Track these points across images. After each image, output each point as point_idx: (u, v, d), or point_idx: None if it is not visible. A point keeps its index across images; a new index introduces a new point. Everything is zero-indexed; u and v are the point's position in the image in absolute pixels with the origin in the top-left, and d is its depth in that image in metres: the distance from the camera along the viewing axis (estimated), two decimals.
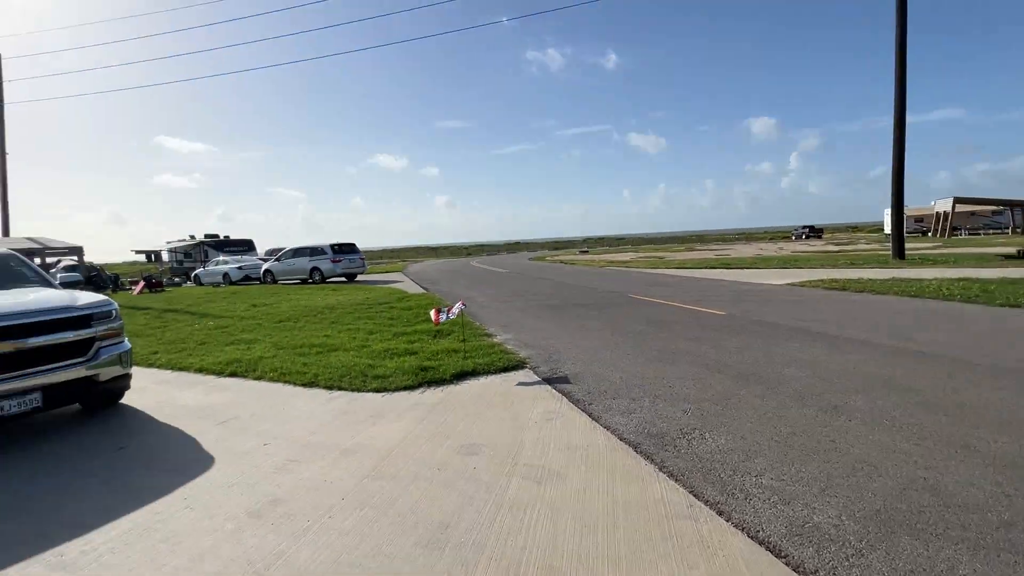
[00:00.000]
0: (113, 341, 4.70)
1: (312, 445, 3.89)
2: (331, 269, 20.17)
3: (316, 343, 7.48)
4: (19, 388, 3.96)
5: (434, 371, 5.62)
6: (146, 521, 2.88)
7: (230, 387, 5.73)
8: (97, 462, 3.79)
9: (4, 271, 5.36)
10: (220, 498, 3.11)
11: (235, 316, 11.30)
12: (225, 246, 30.49)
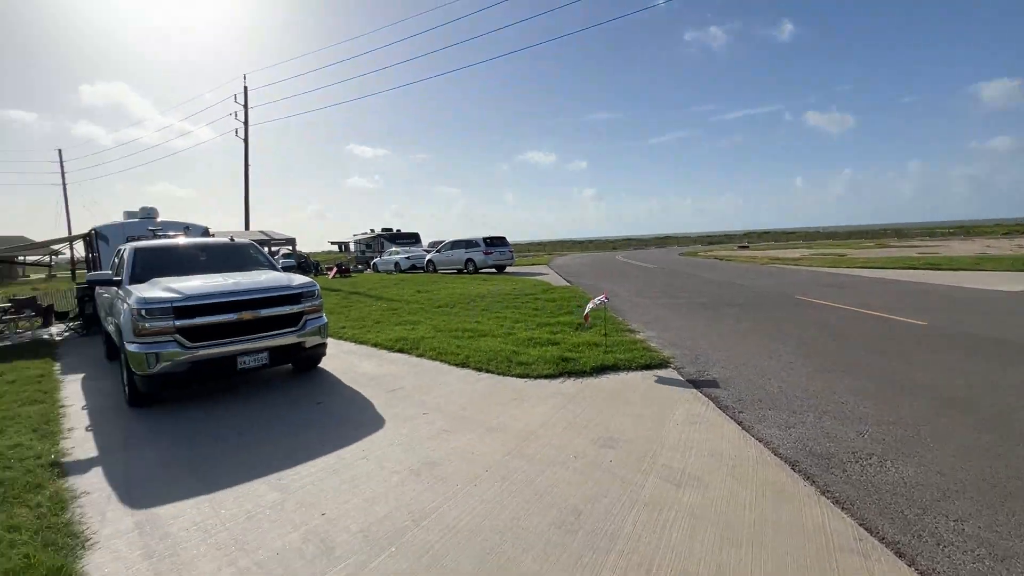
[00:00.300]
0: (315, 316, 5.76)
1: (462, 419, 4.30)
2: (483, 260, 21.65)
3: (468, 328, 8.15)
4: (255, 348, 5.12)
5: (574, 362, 5.73)
6: (335, 464, 3.52)
7: (397, 361, 6.59)
8: (302, 412, 4.72)
9: (246, 257, 6.92)
10: (388, 454, 3.64)
11: (403, 300, 12.85)
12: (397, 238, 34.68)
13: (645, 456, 3.45)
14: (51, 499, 3.11)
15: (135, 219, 11.24)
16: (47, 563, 2.40)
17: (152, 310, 4.72)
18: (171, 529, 2.77)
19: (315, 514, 2.85)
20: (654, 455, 3.46)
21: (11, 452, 3.82)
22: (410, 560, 2.40)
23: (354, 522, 2.76)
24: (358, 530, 2.68)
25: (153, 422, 4.63)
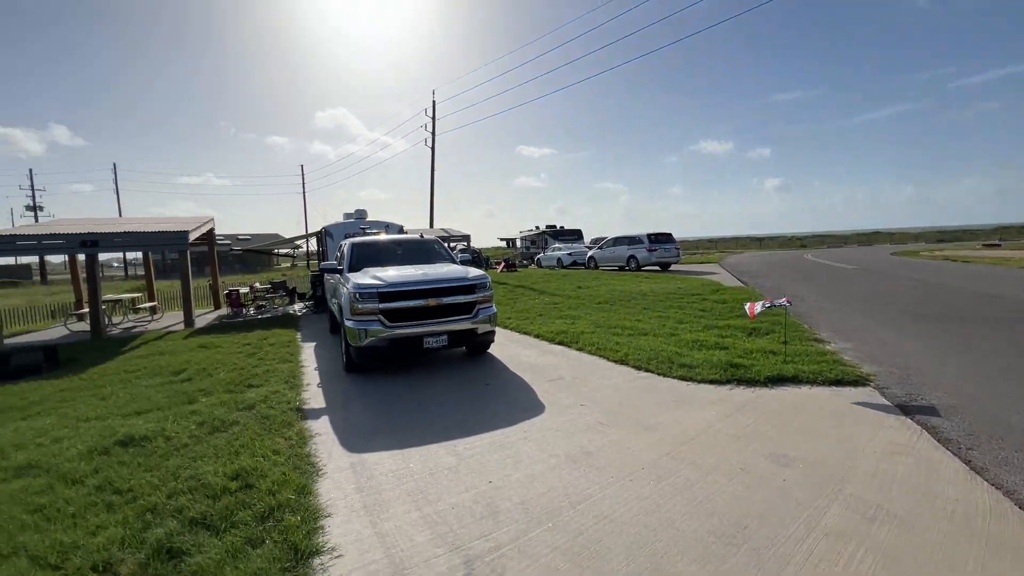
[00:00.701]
0: (486, 305, 6.34)
1: (618, 414, 4.33)
2: (646, 257, 20.95)
3: (628, 326, 8.05)
4: (437, 331, 5.87)
5: (746, 370, 5.26)
6: (500, 440, 3.88)
7: (557, 353, 6.86)
8: (474, 390, 5.27)
9: (432, 252, 7.93)
10: (547, 438, 3.87)
11: (564, 295, 13.21)
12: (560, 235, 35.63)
13: (829, 481, 3.05)
14: (297, 435, 4.08)
15: (351, 219, 13.69)
16: (296, 481, 3.18)
17: (364, 294, 5.75)
18: (374, 472, 3.40)
19: (483, 481, 3.21)
20: (841, 481, 3.03)
21: (273, 396, 5.09)
22: (565, 537, 2.56)
23: (515, 494, 3.03)
24: (519, 501, 2.94)
25: (362, 385, 5.66)
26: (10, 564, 2.41)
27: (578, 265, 26.03)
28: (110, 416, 4.76)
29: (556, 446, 3.71)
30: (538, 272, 24.45)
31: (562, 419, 4.27)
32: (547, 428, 4.08)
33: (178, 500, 2.98)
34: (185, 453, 3.72)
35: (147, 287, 16.45)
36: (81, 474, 3.42)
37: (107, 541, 2.58)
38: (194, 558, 2.41)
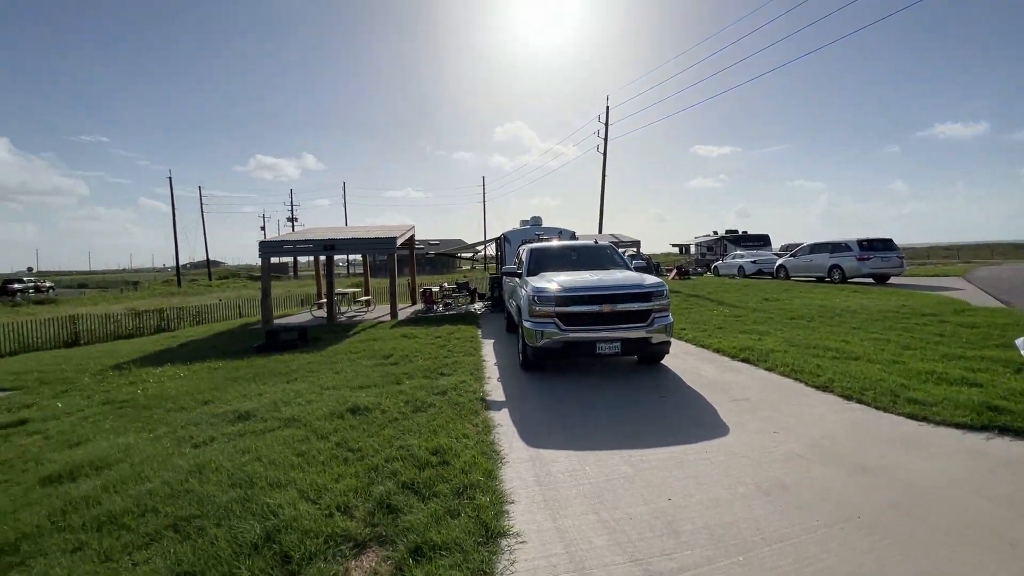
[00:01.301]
0: (663, 314, 6.11)
1: (821, 448, 3.75)
2: (855, 268, 17.64)
3: (832, 347, 6.91)
4: (610, 337, 5.86)
5: (1011, 415, 4.07)
6: (679, 457, 3.70)
7: (741, 371, 6.24)
8: (647, 401, 5.12)
9: (605, 257, 7.94)
10: (733, 464, 3.56)
11: (747, 307, 11.94)
12: (742, 241, 32.28)
13: None
14: (482, 423, 4.49)
15: (527, 225, 14.50)
16: (484, 465, 3.50)
17: (541, 297, 6.05)
18: (552, 469, 3.56)
19: (661, 496, 3.10)
20: None
21: (461, 385, 5.69)
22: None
23: (698, 516, 2.86)
24: (703, 525, 2.76)
25: (537, 383, 5.96)
26: (286, 492, 3.16)
27: (764, 275, 23.26)
28: (342, 387, 5.89)
29: (744, 473, 3.38)
30: (715, 281, 22.54)
31: (750, 445, 3.88)
32: (732, 452, 3.75)
33: (393, 465, 3.54)
34: (396, 426, 4.40)
35: (364, 283, 19.86)
36: (326, 431, 4.30)
37: (346, 488, 3.20)
38: (407, 516, 2.84)
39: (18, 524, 3.01)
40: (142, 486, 3.41)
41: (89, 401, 6.30)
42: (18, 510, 3.20)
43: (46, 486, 3.61)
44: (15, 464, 4.19)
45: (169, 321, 17.98)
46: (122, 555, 2.63)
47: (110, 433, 4.82)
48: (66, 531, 2.91)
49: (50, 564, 2.56)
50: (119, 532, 2.85)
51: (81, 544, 2.76)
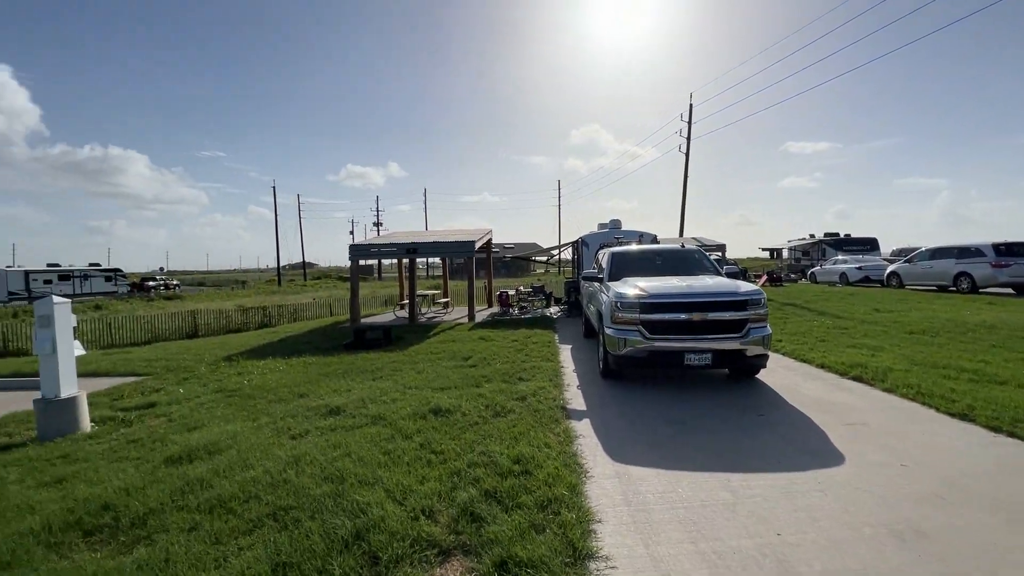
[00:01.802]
0: (760, 325, 5.60)
1: (964, 489, 3.19)
2: (989, 276, 15.29)
3: (969, 368, 5.96)
4: (700, 348, 5.47)
5: None
6: (786, 486, 3.32)
7: (854, 390, 5.56)
8: (743, 420, 4.69)
9: (693, 262, 7.48)
10: (853, 499, 3.12)
11: (854, 318, 10.75)
12: (844, 244, 29.33)
13: None
14: (564, 432, 4.35)
15: (606, 228, 14.14)
16: (568, 478, 3.36)
17: (625, 304, 5.79)
18: (641, 488, 3.34)
19: (769, 530, 2.78)
20: None
21: (540, 392, 5.58)
22: None
23: (816, 559, 2.51)
24: (821, 570, 2.42)
25: (618, 392, 5.71)
26: (374, 490, 3.23)
27: (871, 282, 20.94)
28: (424, 388, 6.01)
29: (869, 512, 2.95)
30: (813, 288, 20.65)
31: (873, 478, 3.39)
32: (852, 486, 3.29)
33: (475, 471, 3.50)
34: (477, 430, 4.38)
35: (443, 285, 20.47)
36: (410, 431, 4.38)
37: (430, 491, 3.21)
38: (491, 527, 2.77)
39: (146, 499, 3.34)
40: (247, 473, 3.65)
41: (204, 388, 6.97)
42: (147, 486, 3.56)
43: (169, 466, 3.99)
44: (145, 443, 4.70)
45: (271, 317, 19.66)
46: (229, 539, 2.81)
47: (220, 420, 5.27)
48: (184, 510, 3.17)
49: (171, 541, 2.79)
50: (227, 516, 3.06)
51: (196, 524, 2.99)
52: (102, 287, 40.51)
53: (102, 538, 2.94)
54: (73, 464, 4.20)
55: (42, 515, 3.19)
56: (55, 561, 2.70)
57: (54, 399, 5.15)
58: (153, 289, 45.52)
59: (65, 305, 5.37)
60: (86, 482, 3.74)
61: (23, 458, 4.46)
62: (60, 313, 5.27)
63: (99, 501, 3.32)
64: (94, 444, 4.75)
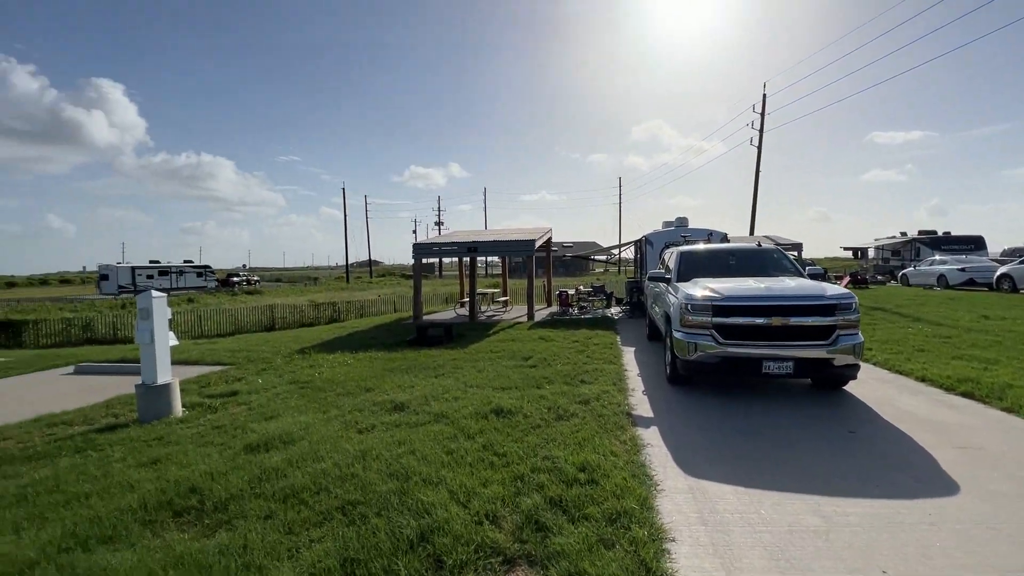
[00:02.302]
0: (850, 332, 5.09)
1: None
2: None
3: None
4: (781, 355, 5.05)
5: None
6: (888, 514, 2.95)
7: (963, 408, 4.92)
8: (832, 436, 4.27)
9: (771, 262, 6.96)
10: (977, 536, 2.71)
11: (958, 326, 9.60)
12: (943, 244, 26.43)
13: None
14: (630, 440, 4.15)
15: (671, 227, 13.58)
16: (637, 491, 3.18)
17: (695, 306, 5.46)
18: (718, 507, 3.09)
19: (871, 565, 2.47)
20: None
21: (604, 396, 5.39)
22: None
23: None
24: None
25: (687, 399, 5.40)
26: (438, 491, 3.22)
27: (977, 286, 18.73)
28: (485, 387, 6.00)
29: (996, 553, 2.55)
30: (904, 291, 18.79)
31: (997, 512, 2.94)
32: (970, 520, 2.87)
33: (539, 476, 3.41)
34: (539, 434, 4.28)
35: (502, 284, 20.57)
36: (472, 431, 4.36)
37: (493, 495, 3.15)
38: (556, 538, 2.66)
39: (228, 485, 3.53)
40: (318, 465, 3.77)
41: (280, 379, 7.37)
42: (228, 472, 3.77)
43: (248, 453, 4.21)
44: (228, 429, 5.01)
45: (339, 313, 20.66)
46: (301, 530, 2.89)
47: (294, 411, 5.53)
48: (261, 498, 3.31)
49: (248, 528, 2.91)
50: (299, 507, 3.16)
51: (271, 513, 3.11)
52: (194, 282, 44.45)
53: (189, 519, 3.13)
54: (166, 446, 4.55)
55: (139, 493, 3.45)
56: (149, 539, 2.89)
57: (152, 385, 5.62)
58: (237, 284, 49.32)
59: (162, 299, 5.85)
60: (177, 464, 4.02)
61: (126, 438, 4.89)
62: (157, 306, 5.74)
63: (187, 484, 3.55)
64: (184, 428, 5.13)
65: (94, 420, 5.65)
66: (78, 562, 2.62)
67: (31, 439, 5.02)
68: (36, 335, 16.53)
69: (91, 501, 3.40)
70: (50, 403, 6.48)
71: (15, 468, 4.18)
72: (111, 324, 17.59)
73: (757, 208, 28.44)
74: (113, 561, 2.61)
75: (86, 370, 9.04)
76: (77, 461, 4.26)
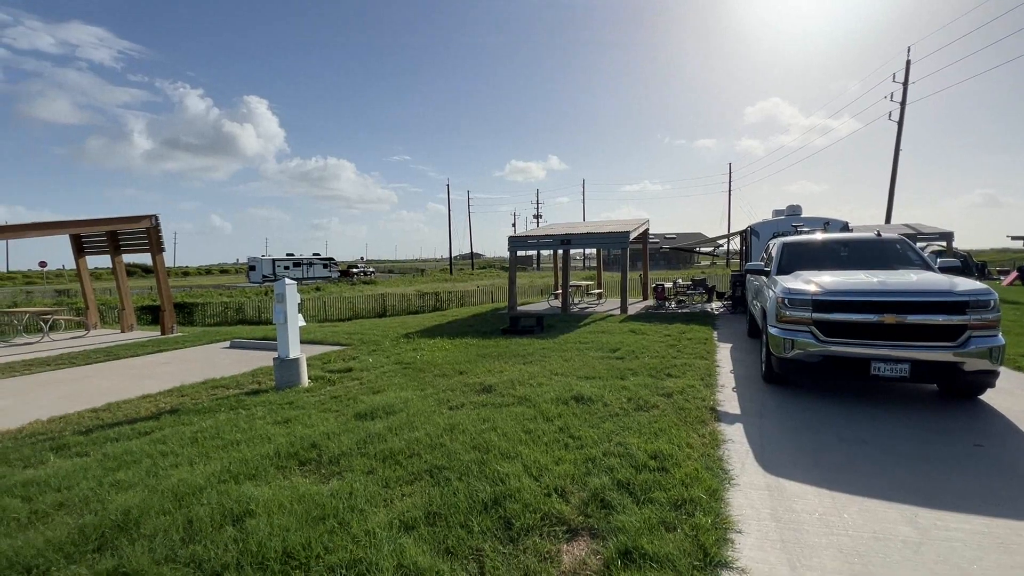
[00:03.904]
0: (987, 332, 4.46)
1: None
2: None
3: None
4: (895, 356, 4.58)
5: None
6: (999, 533, 2.65)
7: None
8: (951, 448, 3.82)
9: (893, 254, 6.23)
10: None
11: None
12: None
13: None
14: (710, 435, 4.09)
15: (782, 216, 12.52)
16: (708, 481, 3.19)
17: (793, 300, 5.13)
18: (795, 506, 3.00)
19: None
20: None
21: (688, 390, 5.30)
22: None
23: None
24: None
25: (783, 400, 5.11)
26: (514, 464, 3.51)
27: None
28: (569, 375, 6.19)
29: None
30: None
31: None
32: None
33: (610, 460, 3.54)
34: (616, 421, 4.39)
35: (597, 276, 20.44)
36: (551, 415, 4.59)
37: (564, 473, 3.36)
38: (619, 516, 2.80)
39: (340, 444, 4.14)
40: (412, 433, 4.26)
41: (387, 360, 8.21)
42: (341, 434, 4.41)
43: (357, 420, 4.86)
44: (343, 399, 5.78)
45: (442, 302, 22.04)
46: (396, 485, 3.35)
47: (397, 387, 6.19)
48: (365, 456, 3.86)
49: (354, 480, 3.44)
50: (395, 466, 3.64)
51: (372, 469, 3.62)
52: (320, 272, 50.01)
53: (310, 468, 3.76)
54: (295, 410, 5.39)
55: (275, 444, 4.20)
56: (280, 479, 3.55)
57: (285, 359, 6.64)
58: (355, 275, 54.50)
59: (293, 285, 6.86)
60: (302, 424, 4.78)
61: (266, 401, 5.87)
62: (290, 292, 6.75)
63: (310, 440, 4.23)
64: (309, 396, 6.01)
65: (243, 385, 6.82)
66: (231, 491, 3.31)
67: (200, 397, 6.23)
68: (203, 315, 19.93)
69: (241, 447, 4.21)
70: (213, 370, 7.92)
71: (189, 418, 5.25)
72: (257, 308, 20.59)
73: (895, 192, 24.87)
74: (255, 492, 3.27)
75: (238, 345, 10.79)
76: (231, 416, 5.23)
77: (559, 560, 2.49)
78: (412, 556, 2.50)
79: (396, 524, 2.82)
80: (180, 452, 4.13)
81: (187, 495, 3.27)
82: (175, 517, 2.99)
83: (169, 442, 4.37)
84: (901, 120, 26.13)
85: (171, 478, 3.56)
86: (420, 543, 2.63)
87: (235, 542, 2.70)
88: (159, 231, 12.19)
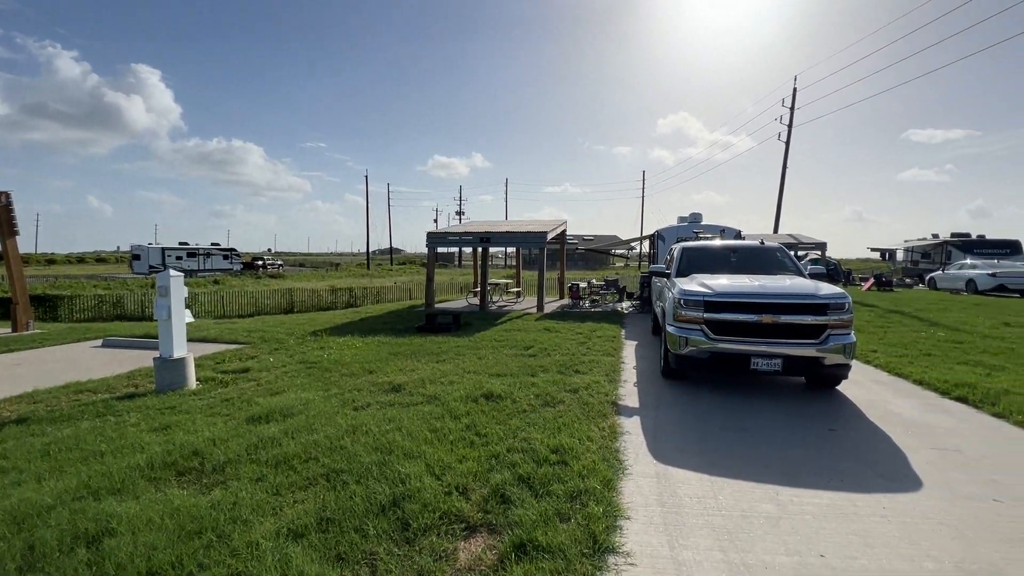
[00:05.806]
0: (842, 331, 5.11)
1: None
2: None
3: None
4: (769, 352, 5.11)
5: None
6: (843, 507, 3.04)
7: (954, 413, 4.91)
8: (810, 432, 4.34)
9: (772, 260, 6.96)
10: (923, 529, 2.79)
11: (975, 332, 9.38)
12: (976, 247, 25.46)
13: None
14: (610, 427, 4.30)
15: (685, 223, 13.53)
16: (604, 472, 3.34)
17: (688, 301, 5.54)
18: (679, 491, 3.23)
19: (811, 549, 2.58)
20: None
21: (594, 386, 5.54)
22: None
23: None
24: None
25: (679, 393, 5.51)
26: (416, 464, 3.44)
27: (1008, 292, 18.10)
28: (482, 373, 6.21)
29: (938, 546, 2.63)
30: (930, 295, 18.28)
31: (954, 510, 3.01)
32: (924, 515, 2.95)
33: (513, 456, 3.59)
34: (523, 418, 4.47)
35: (516, 275, 20.74)
36: (460, 413, 4.57)
37: (467, 471, 3.35)
38: (517, 510, 2.85)
39: (227, 450, 3.81)
40: (310, 436, 4.03)
41: (290, 359, 7.72)
42: (229, 439, 4.06)
43: (250, 423, 4.51)
44: (235, 402, 5.33)
45: (356, 298, 21.16)
46: (287, 492, 3.14)
47: (298, 388, 5.83)
48: (255, 463, 3.58)
49: (240, 488, 3.18)
50: (288, 472, 3.42)
51: (262, 476, 3.37)
52: (220, 264, 45.84)
53: (189, 479, 3.42)
54: (177, 414, 4.89)
55: (148, 454, 3.77)
56: (152, 492, 3.19)
57: (168, 359, 5.99)
58: (261, 268, 50.68)
59: (179, 278, 6.21)
60: (184, 430, 4.34)
61: (142, 406, 5.26)
62: (175, 285, 6.10)
63: (191, 447, 3.85)
64: (195, 400, 5.48)
65: (115, 389, 6.06)
66: (88, 508, 2.92)
67: (58, 403, 5.44)
68: (70, 310, 17.45)
69: (105, 458, 3.73)
70: (78, 372, 6.96)
71: (41, 427, 4.56)
72: (140, 302, 18.42)
73: (783, 205, 27.88)
74: (118, 509, 2.90)
75: (112, 344, 9.59)
76: (96, 424, 4.62)
77: (455, 558, 2.47)
78: (299, 565, 2.36)
79: (284, 533, 2.65)
80: (25, 467, 3.58)
81: (30, 516, 2.84)
82: (12, 543, 2.58)
83: (11, 456, 3.77)
84: (788, 140, 29.35)
85: (10, 498, 3.07)
86: (309, 551, 2.49)
87: (87, 566, 2.38)
88: (10, 210, 10.50)
